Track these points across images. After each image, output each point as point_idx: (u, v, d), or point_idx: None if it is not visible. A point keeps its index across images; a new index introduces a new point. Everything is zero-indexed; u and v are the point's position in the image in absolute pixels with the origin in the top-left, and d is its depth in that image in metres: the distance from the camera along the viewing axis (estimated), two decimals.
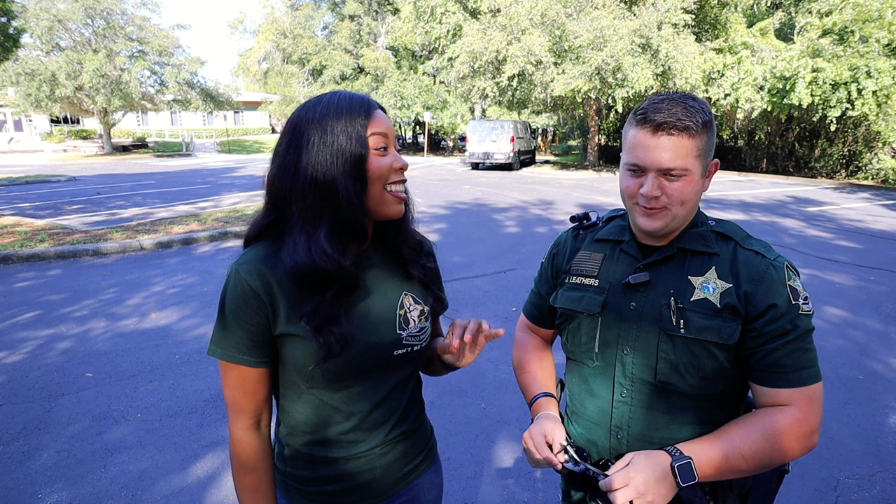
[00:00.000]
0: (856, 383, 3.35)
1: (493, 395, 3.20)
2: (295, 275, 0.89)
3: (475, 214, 9.72)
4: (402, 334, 0.99)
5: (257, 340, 0.91)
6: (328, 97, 0.93)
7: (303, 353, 0.91)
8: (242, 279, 0.89)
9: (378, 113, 0.93)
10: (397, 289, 1.02)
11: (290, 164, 0.90)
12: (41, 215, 8.85)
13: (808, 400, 0.93)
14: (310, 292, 0.90)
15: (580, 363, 1.10)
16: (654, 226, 0.98)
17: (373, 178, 0.91)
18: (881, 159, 17.26)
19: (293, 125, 0.92)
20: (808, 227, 8.78)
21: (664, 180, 0.95)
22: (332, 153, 0.88)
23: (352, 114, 0.90)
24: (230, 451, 0.97)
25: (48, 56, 22.96)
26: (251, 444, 0.95)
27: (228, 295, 0.91)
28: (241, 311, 0.90)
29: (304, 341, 0.90)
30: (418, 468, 1.10)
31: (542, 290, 1.23)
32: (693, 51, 16.05)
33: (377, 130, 0.91)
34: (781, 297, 0.93)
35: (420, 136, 36.38)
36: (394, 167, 0.93)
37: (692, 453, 0.90)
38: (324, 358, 0.89)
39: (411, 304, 1.03)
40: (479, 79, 18.81)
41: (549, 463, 0.99)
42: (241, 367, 0.92)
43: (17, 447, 2.65)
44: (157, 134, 36.81)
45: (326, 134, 0.89)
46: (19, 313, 4.48)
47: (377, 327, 0.96)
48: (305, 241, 0.88)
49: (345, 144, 0.88)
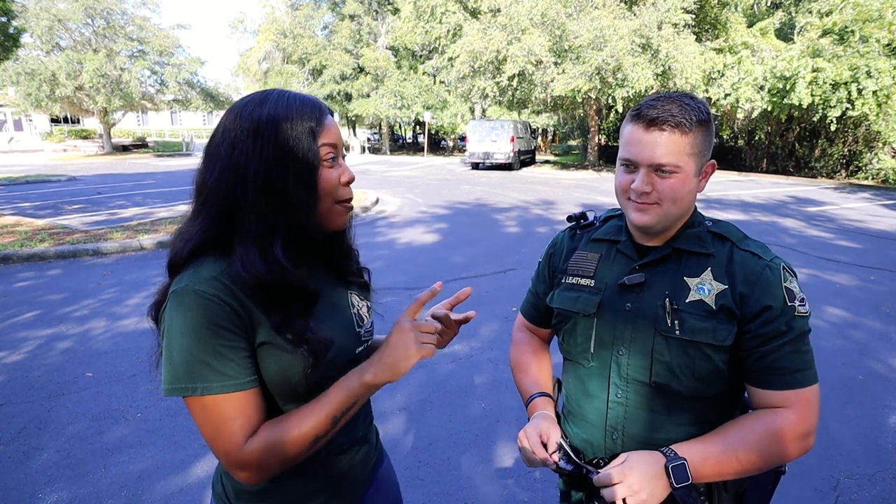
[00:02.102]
0: (856, 383, 3.35)
1: (492, 395, 3.20)
2: (256, 288, 0.80)
3: (475, 214, 9.71)
4: (360, 331, 0.98)
5: (249, 357, 0.81)
6: (276, 95, 0.85)
7: (283, 365, 0.83)
8: (209, 298, 0.77)
9: (329, 120, 0.88)
10: (344, 288, 1.01)
11: (236, 168, 0.81)
12: (41, 215, 8.85)
13: (803, 402, 0.92)
14: (275, 305, 0.82)
15: (576, 363, 1.11)
16: (645, 221, 0.98)
17: (322, 191, 0.86)
18: (881, 159, 17.25)
19: (238, 122, 0.82)
20: (808, 227, 8.78)
21: (656, 176, 0.95)
22: (284, 161, 0.81)
23: (303, 119, 0.83)
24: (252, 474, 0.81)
25: (48, 56, 22.96)
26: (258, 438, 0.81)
27: (195, 323, 0.76)
28: (223, 333, 0.77)
29: (284, 352, 0.83)
30: (378, 459, 1.11)
31: (539, 290, 1.24)
32: (693, 51, 16.05)
33: (327, 141, 0.86)
34: (777, 299, 0.93)
35: (420, 135, 36.40)
36: (342, 181, 0.89)
37: (687, 454, 0.90)
38: (312, 364, 0.84)
39: (358, 301, 1.02)
40: (480, 78, 18.80)
41: (543, 462, 0.99)
42: (245, 392, 0.79)
43: (17, 447, 2.65)
44: (158, 134, 36.83)
45: (277, 138, 0.81)
46: (19, 313, 4.48)
47: (340, 329, 0.94)
48: (258, 255, 0.81)
49: (297, 153, 0.82)
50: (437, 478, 2.45)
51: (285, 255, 0.83)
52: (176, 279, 0.82)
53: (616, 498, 0.85)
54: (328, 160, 0.86)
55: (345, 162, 0.92)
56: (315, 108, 0.86)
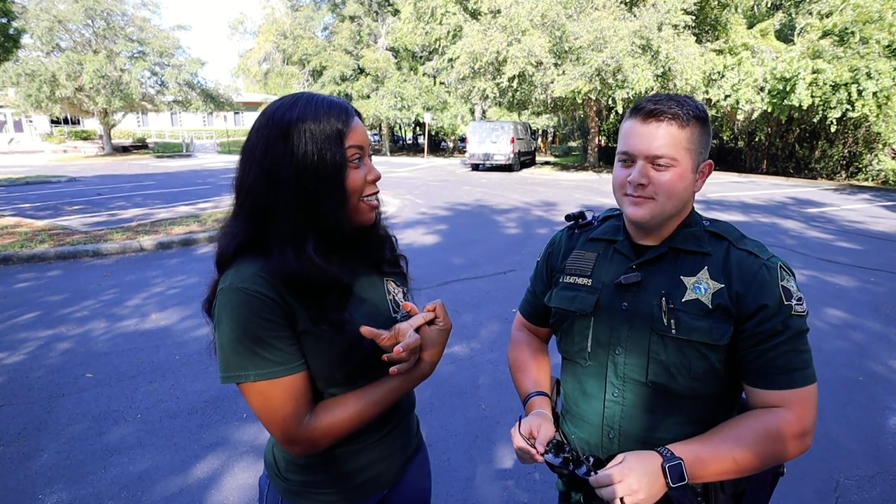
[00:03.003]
0: (856, 384, 3.35)
1: (492, 395, 3.20)
2: (292, 284, 0.86)
3: (475, 215, 9.72)
4: (396, 317, 1.01)
5: (291, 345, 0.87)
6: (306, 98, 0.89)
7: (324, 351, 0.90)
8: (253, 294, 0.84)
9: (355, 122, 0.91)
10: (379, 277, 1.04)
11: (269, 171, 0.86)
12: (41, 216, 8.86)
13: (801, 401, 0.92)
14: (311, 299, 0.88)
15: (574, 363, 1.11)
16: (640, 215, 0.98)
17: (350, 191, 0.90)
18: (881, 160, 17.27)
19: (270, 126, 0.87)
20: (808, 228, 8.78)
21: (651, 169, 0.96)
22: (313, 163, 0.86)
23: (330, 122, 0.87)
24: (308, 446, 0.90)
25: (48, 57, 22.96)
26: (316, 419, 0.90)
27: (242, 318, 0.84)
28: (267, 324, 0.84)
29: (322, 340, 0.89)
30: (414, 451, 1.14)
31: (537, 289, 1.24)
32: (693, 52, 16.06)
33: (354, 143, 0.90)
34: (773, 298, 0.93)
35: (420, 137, 36.39)
36: (368, 180, 0.93)
37: (683, 454, 0.90)
38: (347, 351, 0.90)
39: (395, 288, 1.06)
40: (480, 80, 18.81)
41: (531, 456, 0.99)
42: (293, 376, 0.86)
43: (17, 447, 2.65)
44: (158, 135, 36.82)
45: (307, 142, 0.85)
46: (19, 314, 4.48)
47: (376, 317, 0.98)
48: (293, 254, 0.86)
49: (325, 155, 0.86)
50: (437, 479, 2.45)
51: (317, 253, 0.88)
52: (222, 277, 0.90)
53: (615, 498, 0.85)
54: (354, 161, 0.90)
55: (370, 161, 0.95)
56: (342, 111, 0.89)
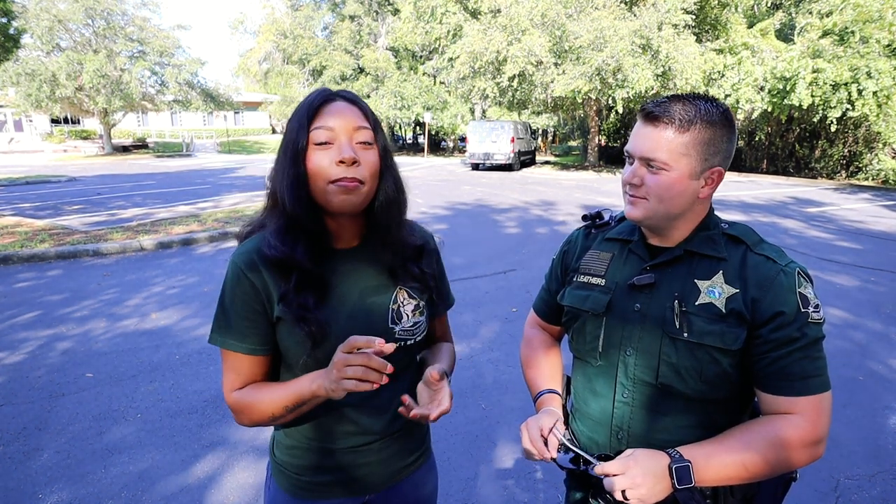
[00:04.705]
0: (856, 384, 3.35)
1: (493, 395, 3.20)
2: (264, 262, 0.93)
3: (476, 215, 9.71)
4: (394, 328, 0.99)
5: (254, 328, 0.94)
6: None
7: (292, 339, 0.93)
8: (238, 268, 0.93)
9: (330, 106, 0.89)
10: (392, 283, 1.02)
11: (276, 160, 0.96)
12: (41, 216, 8.85)
13: (814, 409, 0.90)
14: (283, 281, 0.93)
15: (585, 362, 1.11)
16: (634, 215, 0.99)
17: (311, 173, 0.88)
18: (881, 160, 17.25)
19: None
20: (808, 227, 8.78)
21: (645, 170, 0.96)
22: (283, 143, 0.93)
23: (303, 107, 0.91)
24: (231, 406, 0.99)
25: (48, 56, 22.95)
26: (241, 393, 0.97)
27: (227, 285, 0.94)
28: (238, 299, 0.93)
29: (292, 332, 0.92)
30: (413, 465, 1.11)
31: (551, 287, 1.24)
32: (693, 51, 16.05)
33: (322, 124, 0.88)
34: (790, 305, 0.91)
35: (420, 136, 36.38)
36: (334, 160, 0.86)
37: (692, 457, 0.89)
38: (312, 346, 0.91)
39: (405, 299, 1.02)
40: (480, 79, 18.79)
41: (541, 454, 0.99)
42: (238, 354, 0.95)
43: (18, 447, 2.65)
44: (158, 134, 36.79)
45: (288, 123, 0.93)
46: (20, 314, 4.48)
47: (367, 320, 0.97)
48: (272, 233, 0.93)
49: (289, 137, 0.91)
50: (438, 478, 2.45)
51: (279, 237, 0.92)
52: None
53: (615, 488, 0.85)
54: (320, 143, 0.88)
55: (350, 143, 0.88)
56: (320, 95, 0.92)
